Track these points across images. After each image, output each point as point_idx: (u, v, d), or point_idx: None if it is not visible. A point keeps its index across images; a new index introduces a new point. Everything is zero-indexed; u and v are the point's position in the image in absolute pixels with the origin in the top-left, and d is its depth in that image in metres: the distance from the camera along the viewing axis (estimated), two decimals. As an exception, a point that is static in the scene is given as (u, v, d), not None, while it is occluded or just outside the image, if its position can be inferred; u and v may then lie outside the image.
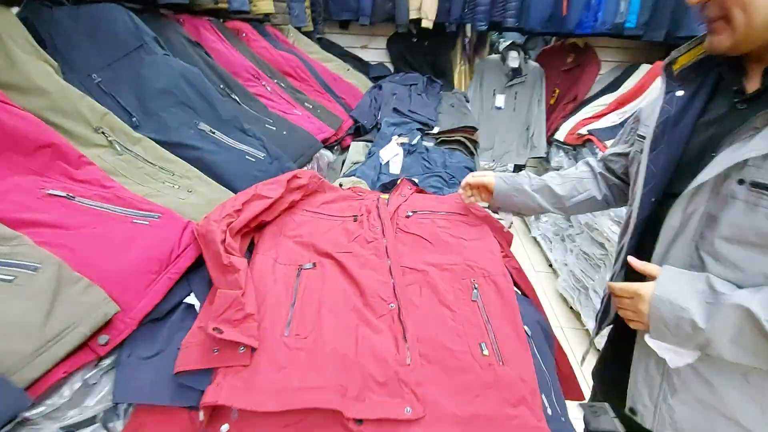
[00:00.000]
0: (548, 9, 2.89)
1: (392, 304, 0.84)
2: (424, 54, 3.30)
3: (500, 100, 3.54)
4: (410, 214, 1.12)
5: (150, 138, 1.08)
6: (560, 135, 3.27)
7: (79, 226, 0.79)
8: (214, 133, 1.19)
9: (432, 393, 0.71)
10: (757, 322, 0.60)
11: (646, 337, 0.76)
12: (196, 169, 1.09)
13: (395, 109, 2.35)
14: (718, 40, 0.67)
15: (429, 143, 2.13)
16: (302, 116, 1.69)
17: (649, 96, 2.79)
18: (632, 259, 0.80)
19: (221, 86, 1.40)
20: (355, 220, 1.08)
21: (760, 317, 0.59)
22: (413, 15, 2.97)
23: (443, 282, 0.90)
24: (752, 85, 0.70)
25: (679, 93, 0.79)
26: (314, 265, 0.93)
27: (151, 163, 1.04)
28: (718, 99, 0.75)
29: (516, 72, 3.44)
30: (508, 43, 3.68)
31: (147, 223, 0.87)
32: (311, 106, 1.85)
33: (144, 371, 0.69)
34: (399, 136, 2.07)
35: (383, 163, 1.95)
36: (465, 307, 0.85)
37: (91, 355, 0.64)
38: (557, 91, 3.65)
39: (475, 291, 0.88)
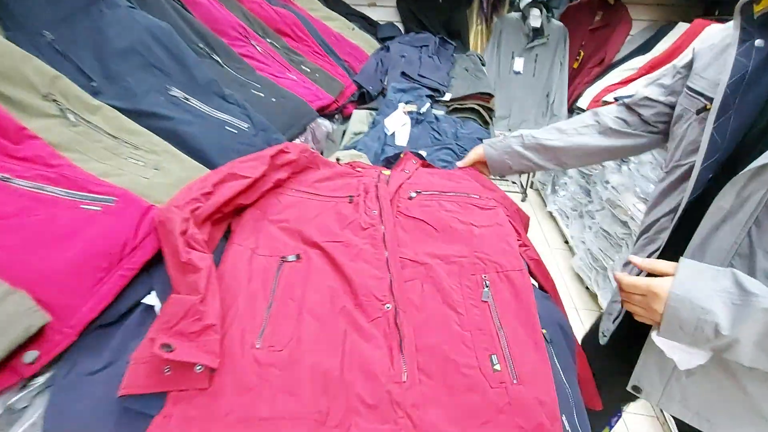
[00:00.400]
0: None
1: (388, 305, 0.71)
2: (437, 12, 3.03)
3: (519, 63, 3.28)
4: (413, 195, 0.97)
5: (112, 106, 0.93)
6: (583, 102, 3.04)
7: (12, 215, 0.66)
8: (188, 99, 1.04)
9: (432, 417, 0.59)
10: None
11: (653, 335, 0.67)
12: (165, 143, 0.95)
13: (403, 73, 2.14)
14: None
15: (439, 111, 1.94)
16: (297, 81, 1.51)
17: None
18: (635, 258, 0.74)
19: (200, 45, 1.22)
20: (350, 201, 0.94)
21: None
22: (426, -33, 2.69)
23: (449, 277, 0.77)
24: None
25: (759, 43, 0.65)
26: (298, 256, 0.80)
27: (112, 136, 0.90)
28: None
29: (537, 32, 3.16)
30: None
31: (99, 208, 0.73)
32: (309, 70, 1.67)
33: (86, 390, 0.57)
34: (407, 103, 1.88)
35: (388, 134, 1.78)
36: (474, 309, 0.72)
37: (12, 378, 0.53)
38: (582, 53, 3.36)
39: (486, 290, 0.74)
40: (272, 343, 0.64)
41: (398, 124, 1.82)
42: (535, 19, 3.14)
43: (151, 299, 0.71)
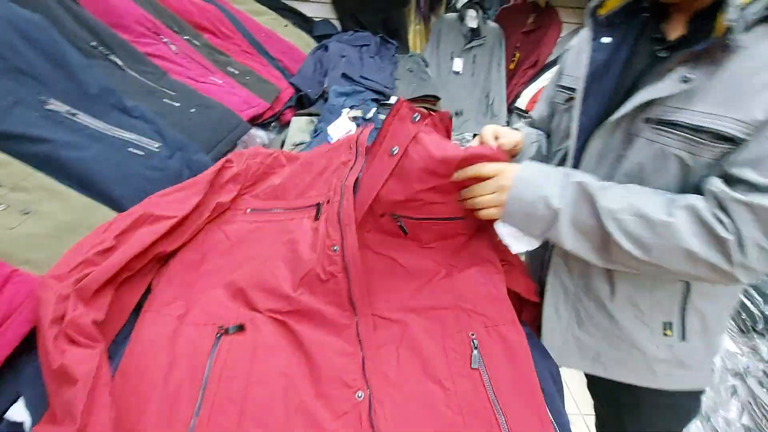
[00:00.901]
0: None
1: (360, 393, 0.55)
2: (374, 11, 2.89)
3: (458, 64, 3.25)
4: (394, 217, 0.76)
5: (-45, 127, 0.68)
6: (521, 103, 3.09)
7: None
8: (74, 115, 0.80)
9: None
10: (590, 196, 0.63)
11: (496, 224, 0.72)
12: (40, 174, 0.71)
13: (345, 75, 1.98)
14: None
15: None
16: (223, 85, 1.29)
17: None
18: (486, 132, 0.83)
19: (92, 44, 0.97)
20: (317, 217, 0.73)
21: (593, 190, 0.63)
22: (361, -38, 2.54)
23: (430, 339, 0.62)
24: (675, 33, 0.70)
25: (606, 40, 0.76)
26: (241, 327, 0.60)
27: (-43, 170, 0.65)
28: (641, 47, 0.73)
29: (474, 33, 3.16)
30: (466, 0, 3.36)
31: (-76, 284, 0.50)
32: (237, 72, 1.45)
33: None
34: (351, 108, 1.73)
35: (332, 142, 1.62)
36: (462, 380, 0.59)
37: None
38: (518, 54, 3.41)
39: (475, 352, 0.61)
40: None
41: (343, 132, 1.66)
42: (472, 20, 3.13)
43: (18, 412, 0.50)
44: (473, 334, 0.64)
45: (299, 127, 1.62)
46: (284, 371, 0.56)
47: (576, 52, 0.83)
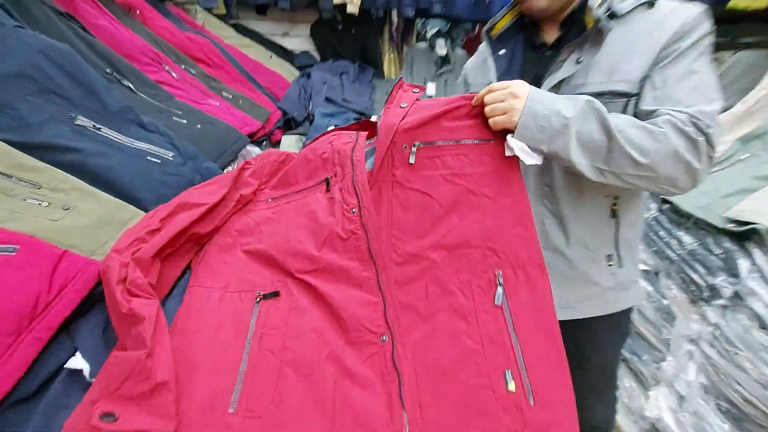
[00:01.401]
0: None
1: (384, 336, 0.63)
2: (351, 42, 3.11)
3: (431, 88, 3.47)
4: (418, 146, 0.75)
5: (2, 140, 0.78)
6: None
7: None
8: (99, 129, 0.91)
9: None
10: (598, 111, 0.71)
11: (509, 137, 0.73)
12: (74, 178, 0.81)
13: (328, 99, 2.15)
14: (537, 2, 0.83)
15: (368, 134, 1.97)
16: (220, 107, 1.42)
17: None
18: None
19: (108, 71, 1.10)
20: (327, 190, 0.77)
21: (600, 108, 0.71)
22: (337, 1, 2.76)
23: (457, 277, 0.67)
24: (551, 37, 0.89)
25: (502, 52, 0.93)
26: (276, 293, 0.68)
27: (4, 175, 0.75)
28: (529, 53, 0.92)
29: (444, 60, 3.40)
30: (434, 31, 3.63)
31: (-5, 260, 0.60)
32: (231, 96, 1.58)
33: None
34: (335, 126, 1.88)
35: (320, 159, 1.76)
36: (485, 316, 0.64)
37: None
38: (485, 78, 3.68)
39: (499, 290, 0.66)
40: (250, 407, 0.55)
41: (329, 149, 1.81)
42: (441, 48, 3.38)
43: (77, 362, 0.58)
44: (499, 273, 0.67)
45: (289, 144, 1.76)
46: (315, 327, 0.63)
47: (478, 64, 1.00)
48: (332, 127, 1.86)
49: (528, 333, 0.63)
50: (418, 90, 0.83)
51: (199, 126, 1.16)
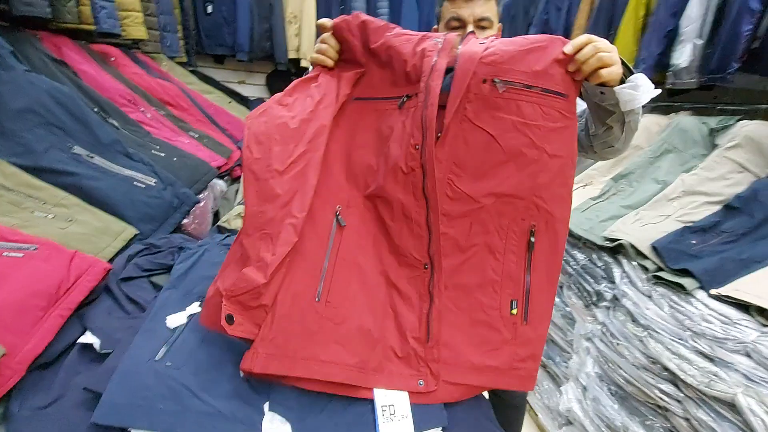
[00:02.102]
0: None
1: (426, 264, 0.77)
2: (304, 91, 3.39)
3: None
4: (497, 84, 0.73)
5: (11, 163, 0.92)
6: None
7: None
8: (92, 157, 1.06)
9: (456, 340, 0.76)
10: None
11: (617, 89, 0.72)
12: (73, 196, 0.96)
13: (283, 141, 2.37)
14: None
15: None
16: (189, 144, 1.60)
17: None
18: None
19: (95, 110, 1.25)
20: (401, 106, 0.78)
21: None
22: (291, 55, 3.07)
23: (499, 221, 0.76)
24: None
25: None
26: (346, 209, 0.79)
27: (13, 191, 0.88)
28: None
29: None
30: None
31: (21, 255, 0.73)
32: (197, 135, 1.76)
33: (42, 424, 0.57)
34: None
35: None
36: (512, 256, 0.76)
37: (-36, 412, 0.51)
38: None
39: (531, 239, 0.75)
40: (329, 299, 0.73)
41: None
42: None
43: (89, 338, 0.72)
44: (534, 225, 0.75)
45: (249, 179, 1.94)
46: (376, 245, 0.79)
47: None
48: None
49: (538, 275, 0.76)
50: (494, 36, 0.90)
51: (175, 159, 1.33)
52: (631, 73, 0.73)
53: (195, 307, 0.81)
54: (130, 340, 0.69)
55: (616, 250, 1.53)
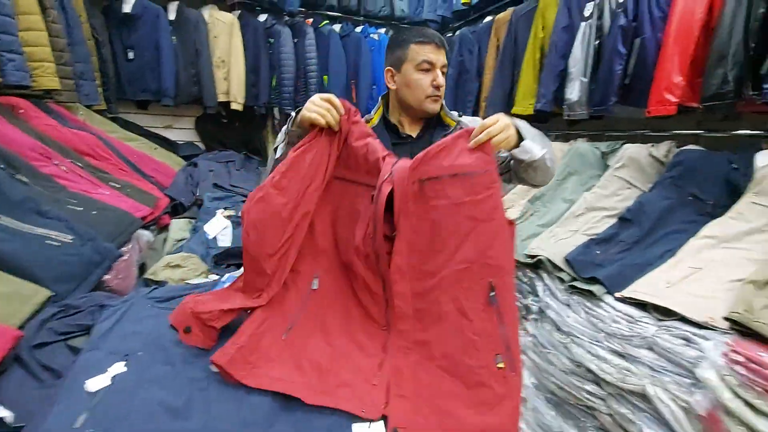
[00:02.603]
0: (342, 97, 3.40)
1: (384, 327, 0.91)
2: (236, 134, 3.38)
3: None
4: (424, 180, 0.90)
5: None
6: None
7: None
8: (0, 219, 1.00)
9: (454, 408, 0.80)
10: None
11: (514, 152, 0.97)
12: (-23, 262, 0.89)
13: (216, 185, 2.34)
14: (433, 108, 1.11)
15: (256, 214, 2.18)
16: (110, 195, 1.53)
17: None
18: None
19: (2, 166, 1.18)
20: (371, 200, 0.91)
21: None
22: (221, 98, 3.07)
23: (461, 286, 0.86)
24: (414, 131, 1.15)
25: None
26: (324, 274, 0.95)
27: None
28: (395, 141, 1.13)
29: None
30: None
31: None
32: (119, 186, 1.70)
33: None
34: (225, 209, 2.07)
35: (210, 238, 1.90)
36: (482, 314, 0.84)
37: None
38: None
39: (492, 294, 0.84)
40: (292, 339, 0.87)
41: (219, 228, 1.98)
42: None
43: (1, 411, 0.67)
44: (492, 282, 0.84)
45: (180, 227, 1.88)
46: (344, 306, 0.94)
47: None
48: (220, 210, 2.03)
49: (509, 324, 0.84)
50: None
51: (94, 212, 1.27)
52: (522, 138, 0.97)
53: (119, 367, 0.77)
54: (46, 411, 0.65)
55: (537, 265, 1.67)
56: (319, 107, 0.91)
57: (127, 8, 2.61)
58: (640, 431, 1.18)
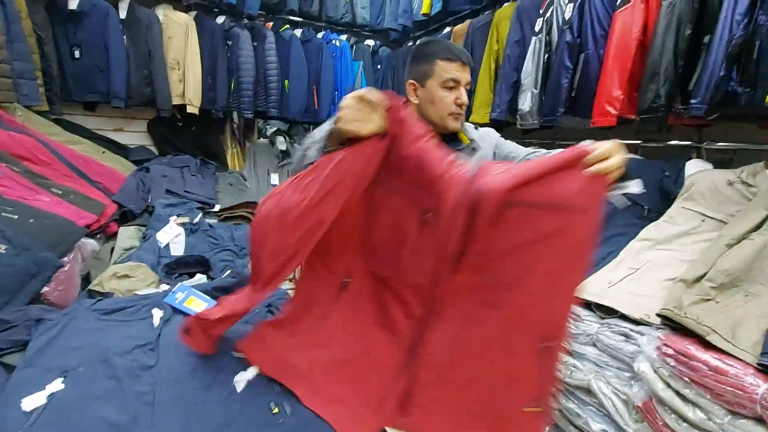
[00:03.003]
0: (303, 102, 3.44)
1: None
2: (192, 138, 3.27)
3: (275, 178, 3.82)
4: (515, 204, 0.72)
5: None
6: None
7: None
8: None
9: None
10: None
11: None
12: None
13: (169, 191, 2.25)
14: (455, 125, 1.10)
15: (213, 220, 2.12)
16: (51, 202, 1.44)
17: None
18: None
19: None
20: (423, 222, 0.80)
21: None
22: (176, 101, 2.96)
23: (515, 334, 0.76)
24: None
25: None
26: (354, 280, 0.91)
27: None
28: None
29: (285, 154, 3.84)
30: (274, 129, 4.09)
31: None
32: (60, 192, 1.60)
33: None
34: (178, 216, 1.99)
35: (162, 246, 1.83)
36: (528, 360, 0.77)
37: None
38: (322, 168, 4.23)
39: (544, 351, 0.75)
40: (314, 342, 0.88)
41: (172, 236, 1.90)
42: (281, 144, 3.83)
43: None
44: (542, 346, 0.74)
45: (129, 235, 1.79)
46: (373, 315, 0.90)
47: None
48: (174, 217, 1.96)
49: (547, 379, 0.77)
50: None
51: (32, 220, 1.19)
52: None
53: (57, 385, 0.73)
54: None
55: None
56: (359, 112, 0.75)
57: (73, 5, 2.47)
58: (586, 424, 1.25)
